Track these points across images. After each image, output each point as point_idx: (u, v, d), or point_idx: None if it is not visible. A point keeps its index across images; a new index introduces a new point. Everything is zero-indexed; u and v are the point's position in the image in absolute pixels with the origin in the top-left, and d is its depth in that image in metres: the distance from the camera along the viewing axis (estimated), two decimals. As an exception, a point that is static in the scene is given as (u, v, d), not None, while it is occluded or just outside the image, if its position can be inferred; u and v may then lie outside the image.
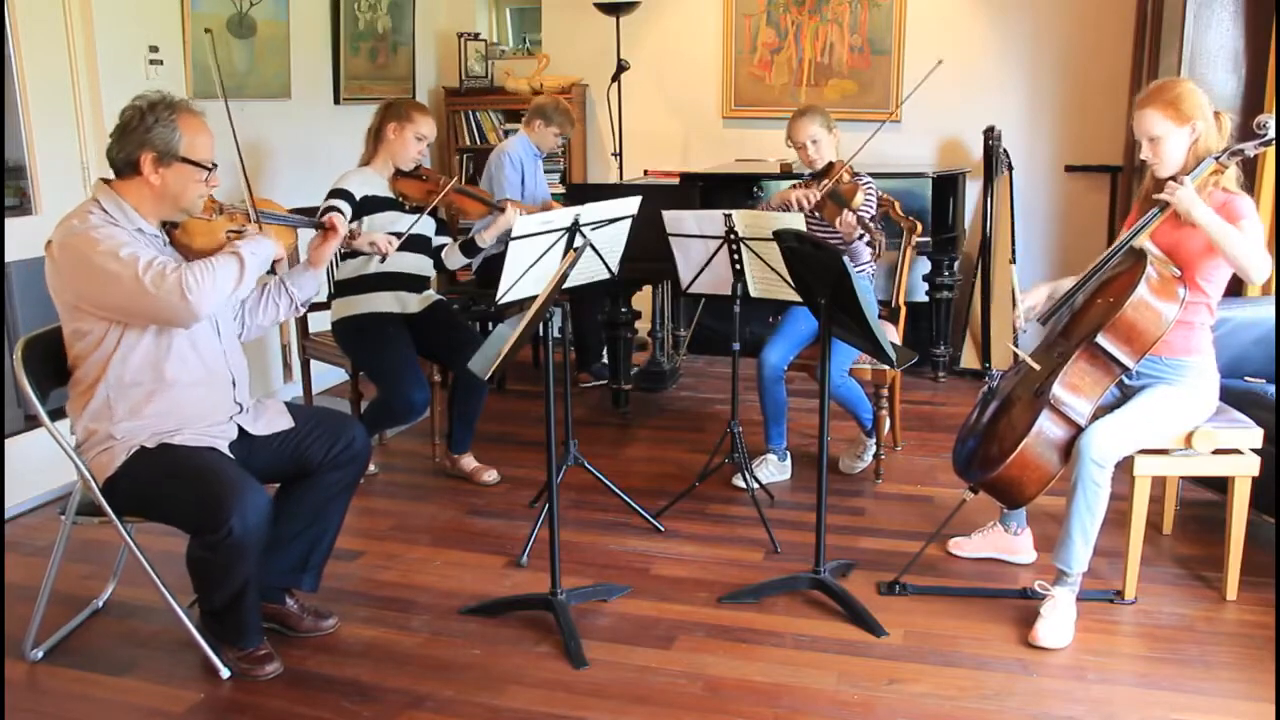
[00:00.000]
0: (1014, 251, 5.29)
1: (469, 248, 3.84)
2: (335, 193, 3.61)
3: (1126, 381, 2.89)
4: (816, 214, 3.66)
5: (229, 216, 2.62)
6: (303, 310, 2.85)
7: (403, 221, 3.68)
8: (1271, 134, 2.69)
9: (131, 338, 2.47)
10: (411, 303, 3.81)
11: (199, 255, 2.57)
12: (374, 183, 3.72)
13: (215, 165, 2.54)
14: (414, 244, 3.74)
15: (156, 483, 2.49)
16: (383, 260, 3.59)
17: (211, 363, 2.61)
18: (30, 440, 3.60)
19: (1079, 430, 2.74)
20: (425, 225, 3.77)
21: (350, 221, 3.39)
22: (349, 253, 3.69)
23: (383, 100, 3.93)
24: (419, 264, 3.82)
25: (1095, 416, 2.76)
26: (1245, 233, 2.64)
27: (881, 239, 3.46)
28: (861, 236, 3.58)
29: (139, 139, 2.42)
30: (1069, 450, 2.75)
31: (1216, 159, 2.70)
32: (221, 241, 2.59)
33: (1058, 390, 2.76)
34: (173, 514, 2.51)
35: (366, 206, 3.64)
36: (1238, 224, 2.65)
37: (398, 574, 3.17)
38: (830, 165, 3.75)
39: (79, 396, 2.54)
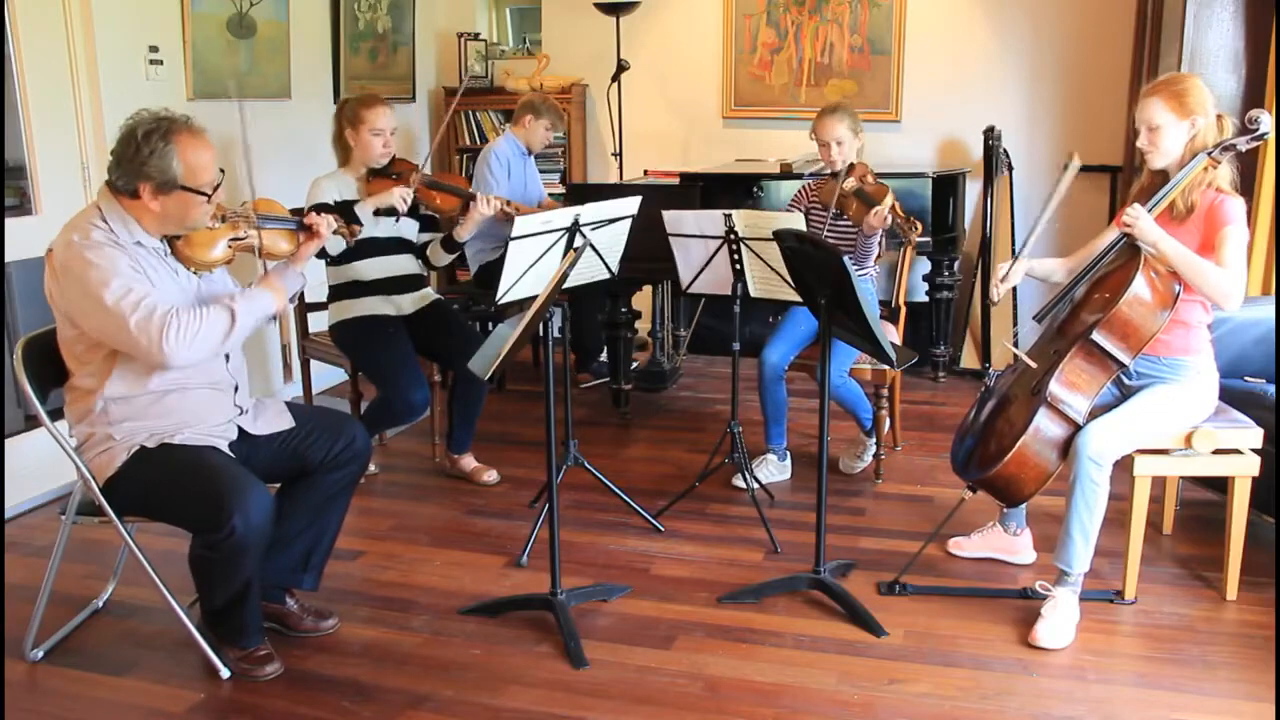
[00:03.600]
0: (1015, 245, 5.29)
1: (449, 243, 3.82)
2: (312, 209, 3.58)
3: (1126, 381, 2.89)
4: (840, 212, 3.65)
5: (231, 224, 2.58)
6: (289, 306, 2.84)
7: (381, 224, 3.66)
8: (1263, 129, 2.69)
9: None
10: (405, 303, 3.80)
11: (203, 267, 2.57)
12: (348, 187, 3.69)
13: (218, 186, 2.50)
14: (396, 245, 3.75)
15: (158, 482, 2.48)
16: (396, 220, 3.63)
17: (212, 368, 2.60)
18: (30, 440, 3.61)
19: (1076, 428, 2.74)
20: (406, 226, 3.76)
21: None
22: (339, 257, 3.69)
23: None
24: (406, 264, 3.81)
25: (1094, 416, 2.77)
26: (1226, 241, 2.65)
27: (920, 225, 3.41)
28: (892, 235, 3.56)
29: (135, 169, 2.38)
30: (1067, 448, 2.75)
31: (1209, 154, 2.71)
32: (225, 251, 2.58)
33: (1054, 388, 2.76)
34: (175, 513, 2.50)
35: (342, 213, 3.59)
36: (1224, 229, 2.67)
37: (398, 574, 3.17)
38: (851, 166, 3.72)
39: (76, 402, 2.53)
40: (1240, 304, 2.68)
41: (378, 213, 3.59)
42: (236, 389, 2.68)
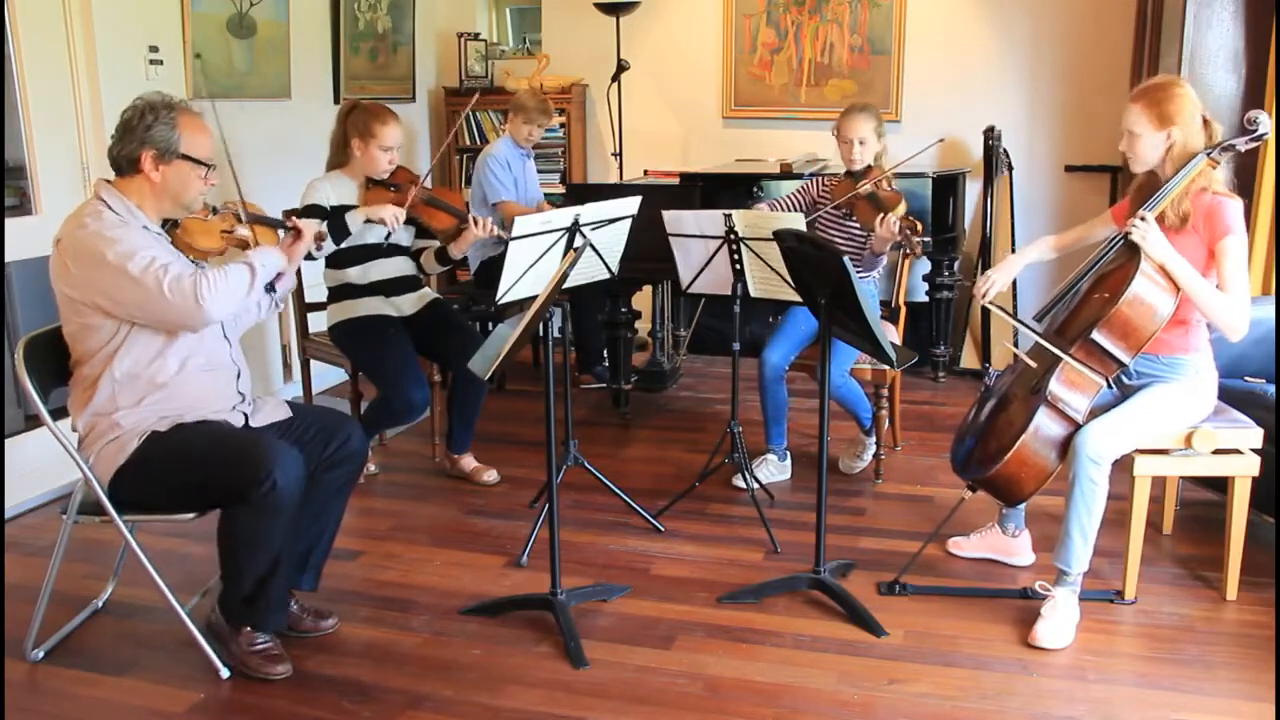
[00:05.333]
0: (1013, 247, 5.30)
1: (443, 255, 3.80)
2: (308, 209, 3.58)
3: (1126, 381, 2.89)
4: (848, 212, 3.65)
5: (221, 217, 2.69)
6: (280, 306, 2.88)
7: (377, 230, 3.65)
8: (1262, 129, 2.69)
9: (138, 330, 2.49)
10: (405, 304, 3.80)
11: (200, 254, 2.62)
12: (346, 190, 3.67)
13: (214, 164, 2.57)
14: (390, 249, 3.75)
15: (180, 459, 2.48)
16: (388, 238, 3.66)
17: (215, 353, 2.64)
18: (31, 440, 3.61)
19: (1076, 427, 2.74)
20: (401, 232, 3.76)
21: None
22: (334, 260, 3.69)
23: (345, 103, 3.84)
24: (403, 266, 3.81)
25: (1094, 416, 2.77)
26: (1227, 256, 2.65)
27: (919, 249, 3.43)
28: (898, 246, 3.53)
29: (139, 137, 2.48)
30: (1066, 447, 2.75)
31: (1208, 154, 2.70)
32: (220, 241, 2.65)
33: (1054, 387, 2.76)
34: (204, 483, 2.47)
35: (333, 218, 3.57)
36: (1224, 240, 2.67)
37: (398, 574, 3.17)
38: (868, 168, 3.72)
39: (82, 391, 2.55)
40: (1245, 333, 2.68)
41: (367, 222, 3.58)
42: (239, 375, 2.71)
